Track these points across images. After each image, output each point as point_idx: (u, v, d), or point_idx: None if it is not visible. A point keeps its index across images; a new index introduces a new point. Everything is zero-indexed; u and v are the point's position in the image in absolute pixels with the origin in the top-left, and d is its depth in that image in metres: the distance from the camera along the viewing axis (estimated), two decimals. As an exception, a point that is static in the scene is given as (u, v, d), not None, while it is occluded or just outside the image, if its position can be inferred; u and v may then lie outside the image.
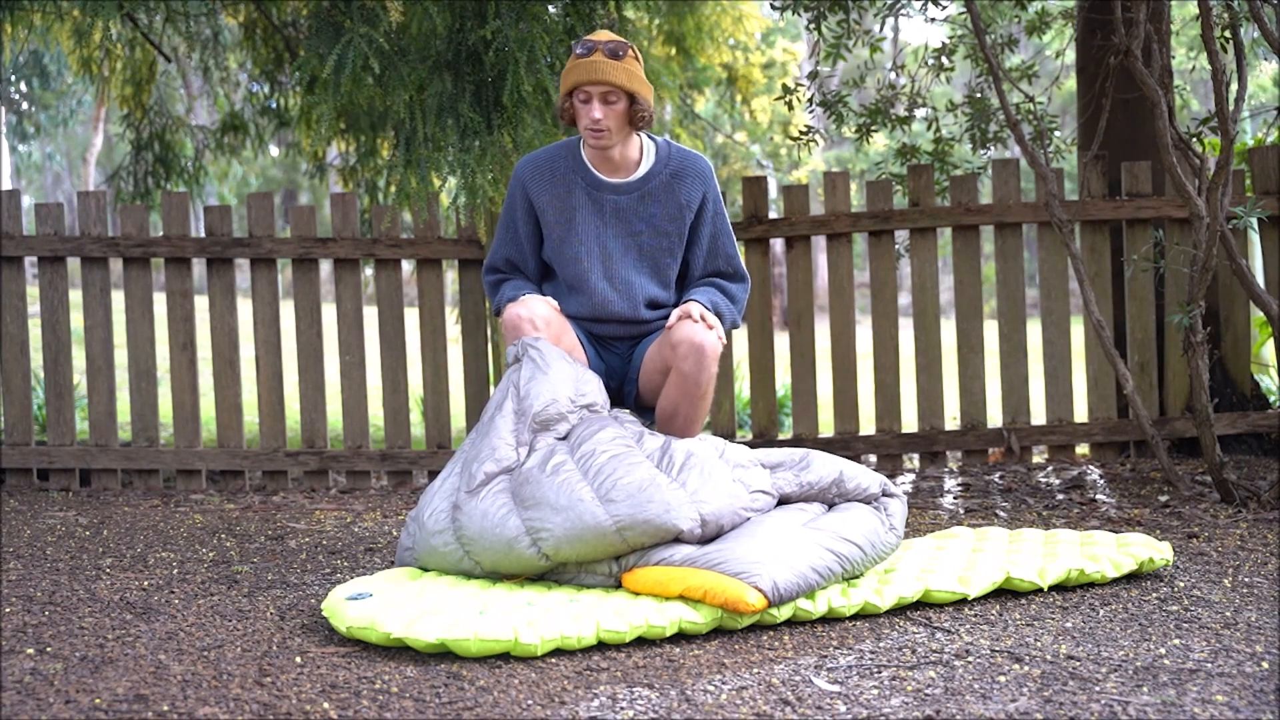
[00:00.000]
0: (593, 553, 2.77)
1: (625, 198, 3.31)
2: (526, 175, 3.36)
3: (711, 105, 14.38)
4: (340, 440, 5.60)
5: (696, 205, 3.33)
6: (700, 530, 2.80)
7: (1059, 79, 5.53)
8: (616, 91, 3.21)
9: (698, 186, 3.33)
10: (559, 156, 3.35)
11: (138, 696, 2.19)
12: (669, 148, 3.37)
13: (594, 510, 2.77)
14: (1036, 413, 6.97)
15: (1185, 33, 9.02)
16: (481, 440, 3.03)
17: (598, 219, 3.31)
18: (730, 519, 2.85)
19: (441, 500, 2.96)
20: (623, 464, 2.86)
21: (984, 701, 2.16)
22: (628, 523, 2.75)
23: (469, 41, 4.46)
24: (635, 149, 3.34)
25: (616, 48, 3.22)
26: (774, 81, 12.73)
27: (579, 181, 3.32)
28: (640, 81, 3.24)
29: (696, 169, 3.34)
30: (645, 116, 3.26)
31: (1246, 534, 3.48)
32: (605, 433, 2.98)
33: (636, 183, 3.32)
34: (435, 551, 2.91)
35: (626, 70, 3.21)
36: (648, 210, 3.31)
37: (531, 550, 2.79)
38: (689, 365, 3.19)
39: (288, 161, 14.04)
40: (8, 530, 3.92)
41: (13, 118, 18.03)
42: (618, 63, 3.21)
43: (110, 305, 4.92)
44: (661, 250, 3.33)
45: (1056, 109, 16.47)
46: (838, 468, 3.07)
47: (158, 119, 6.85)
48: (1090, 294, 4.18)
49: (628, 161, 3.32)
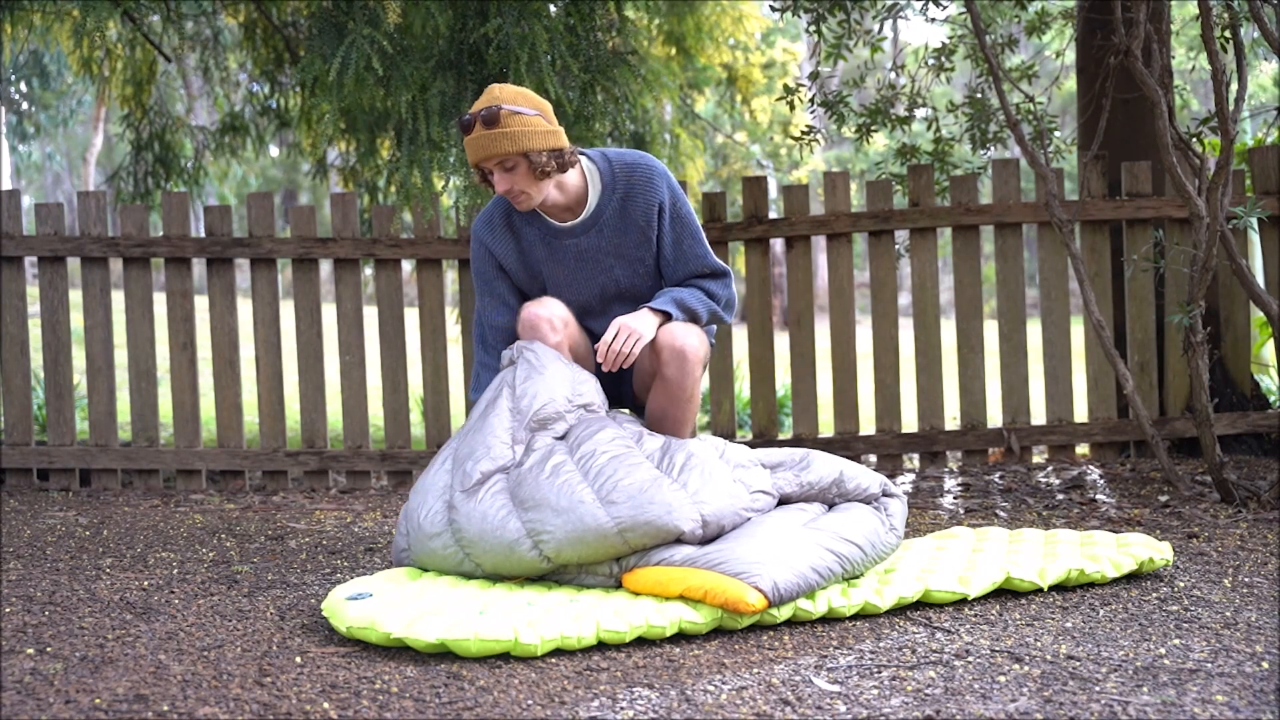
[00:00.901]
0: (594, 555, 2.77)
1: (584, 239, 3.20)
2: (485, 236, 3.25)
3: (711, 105, 14.38)
4: (340, 440, 5.60)
5: (655, 217, 3.20)
6: (701, 531, 2.79)
7: (1059, 79, 5.53)
8: (510, 157, 3.07)
9: (652, 198, 3.19)
10: (510, 209, 3.24)
11: (138, 696, 2.19)
12: (610, 166, 3.21)
13: (595, 512, 2.76)
14: (1036, 413, 6.97)
15: (1185, 33, 9.02)
16: (475, 437, 3.00)
17: (563, 269, 3.22)
18: (731, 519, 2.85)
19: (436, 500, 2.94)
20: (623, 465, 2.85)
21: (984, 701, 2.16)
22: (629, 524, 2.74)
23: (470, 40, 4.46)
24: (577, 182, 3.19)
25: (491, 114, 3.04)
26: (774, 81, 12.75)
27: (535, 233, 3.22)
28: (526, 138, 3.05)
29: (645, 180, 3.19)
30: (551, 164, 3.09)
31: (1246, 534, 3.48)
32: (605, 433, 2.97)
33: (589, 220, 3.20)
34: (434, 554, 2.90)
35: (506, 135, 3.04)
36: (610, 244, 3.20)
37: (533, 553, 2.79)
38: (672, 370, 3.14)
39: (288, 161, 14.05)
40: (8, 530, 3.92)
41: (13, 118, 18.04)
42: (495, 130, 3.04)
43: (110, 305, 4.92)
44: (639, 276, 3.24)
45: (1056, 109, 16.48)
46: (838, 468, 3.07)
47: (158, 119, 6.85)
48: (1090, 294, 4.18)
49: (575, 198, 3.19)
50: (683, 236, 3.24)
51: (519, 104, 3.08)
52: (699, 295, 3.23)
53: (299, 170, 9.79)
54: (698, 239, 3.25)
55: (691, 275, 3.26)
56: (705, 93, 10.01)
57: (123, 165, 6.77)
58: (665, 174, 3.24)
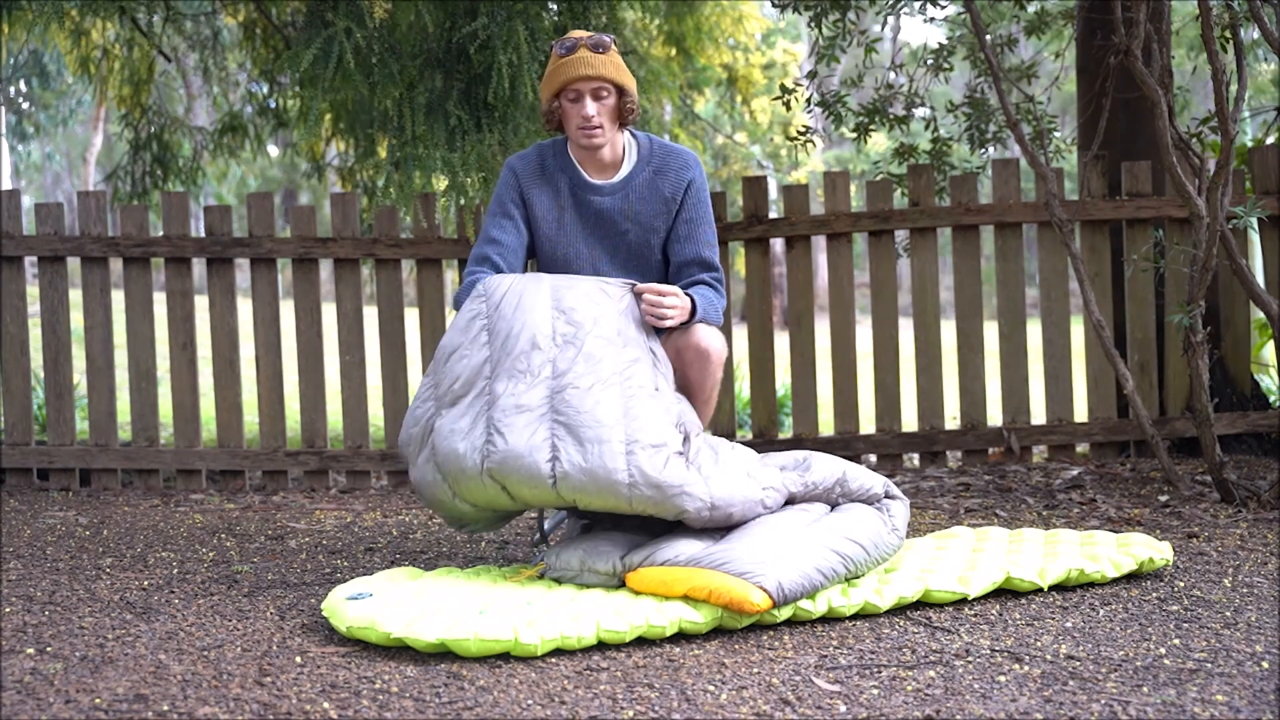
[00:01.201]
0: (599, 499, 2.78)
1: (609, 199, 3.26)
2: (517, 166, 3.30)
3: (711, 106, 14.38)
4: (340, 440, 5.60)
5: (682, 191, 3.27)
6: (709, 514, 2.79)
7: (1059, 79, 5.53)
8: (606, 86, 3.16)
9: (684, 175, 3.27)
10: (548, 155, 3.31)
11: (138, 696, 2.19)
12: (651, 144, 3.32)
13: (616, 453, 2.77)
14: (1036, 413, 6.97)
15: (1185, 33, 9.03)
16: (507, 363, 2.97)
17: (584, 221, 3.27)
18: (741, 508, 2.84)
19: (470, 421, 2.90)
20: (656, 417, 2.86)
21: (984, 701, 2.16)
22: (640, 480, 2.75)
23: (455, 39, 4.46)
24: (619, 148, 3.28)
25: (597, 42, 3.17)
26: (774, 82, 12.74)
27: (566, 181, 3.28)
28: (626, 74, 3.21)
29: (680, 162, 3.29)
30: (633, 109, 3.21)
31: (1246, 534, 3.48)
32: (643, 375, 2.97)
33: (619, 184, 3.26)
34: (457, 433, 2.88)
35: (613, 63, 3.17)
36: (632, 209, 3.27)
37: (547, 466, 2.79)
38: (695, 371, 3.18)
39: (287, 161, 14.04)
40: (8, 530, 3.92)
41: (13, 117, 18.03)
42: (604, 56, 3.16)
43: (110, 305, 4.91)
44: (649, 246, 3.29)
45: (1056, 109, 16.47)
46: (840, 468, 3.07)
47: (156, 119, 6.84)
48: (1090, 294, 4.18)
49: (613, 161, 3.28)
50: (700, 218, 3.30)
51: (619, 47, 3.20)
52: (714, 304, 3.27)
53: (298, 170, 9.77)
54: (711, 227, 3.33)
55: (696, 258, 3.28)
56: (705, 93, 10.01)
57: (120, 165, 6.77)
58: (699, 164, 3.34)
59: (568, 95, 3.19)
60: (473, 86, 4.48)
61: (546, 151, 3.31)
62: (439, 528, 3.95)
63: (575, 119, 3.18)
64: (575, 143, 3.24)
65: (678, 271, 3.29)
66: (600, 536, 2.90)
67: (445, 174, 4.35)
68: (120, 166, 6.76)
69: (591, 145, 3.21)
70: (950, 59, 5.31)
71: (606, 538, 2.89)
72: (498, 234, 3.26)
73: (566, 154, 3.29)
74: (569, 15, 4.79)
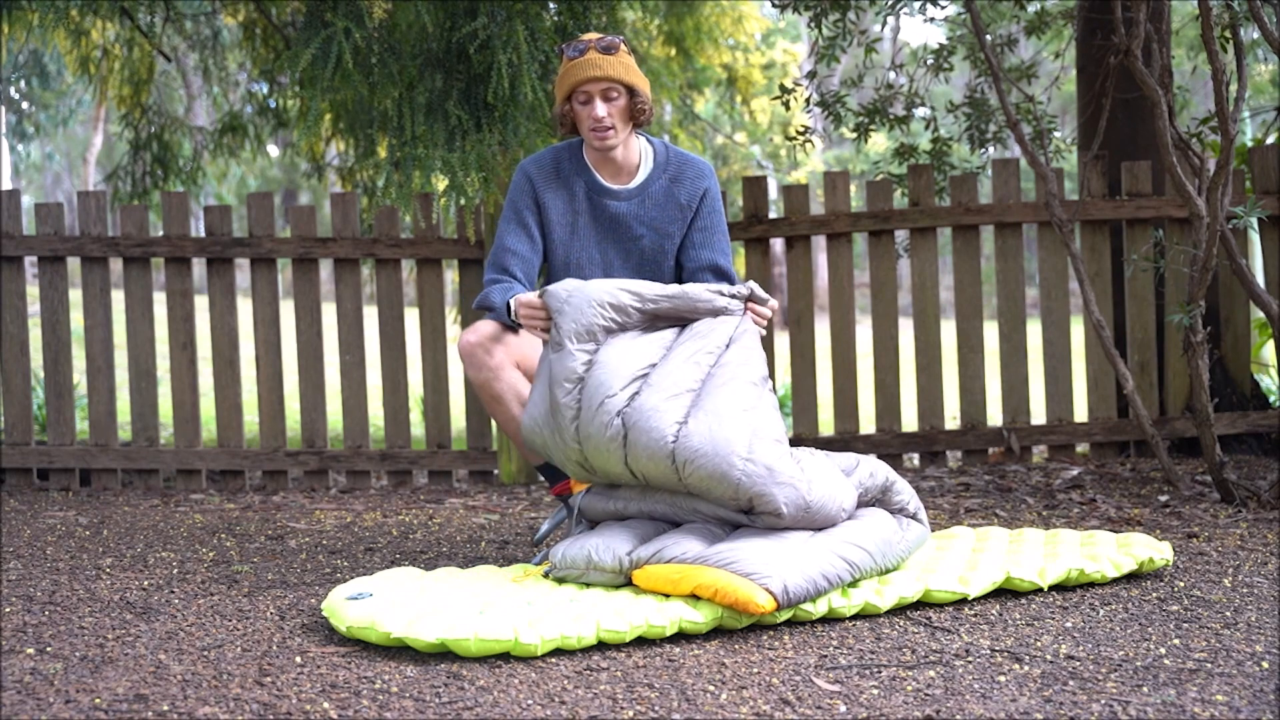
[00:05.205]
0: (707, 467, 2.80)
1: (624, 204, 3.25)
2: (532, 170, 3.29)
3: (711, 106, 14.38)
4: (340, 440, 5.60)
5: (698, 199, 3.28)
6: (799, 514, 2.82)
7: (1059, 79, 5.53)
8: (616, 87, 3.16)
9: (700, 183, 3.27)
10: (563, 158, 3.29)
11: (138, 696, 2.19)
12: (667, 151, 3.32)
13: (741, 433, 2.83)
14: (1036, 413, 6.97)
15: (1185, 33, 9.03)
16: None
17: (598, 225, 3.27)
18: (827, 514, 2.87)
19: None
20: (770, 416, 2.93)
21: (984, 701, 2.16)
22: (757, 456, 2.80)
23: (455, 39, 4.45)
24: (635, 152, 3.27)
25: (608, 44, 3.17)
26: (774, 82, 12.73)
27: (582, 185, 3.27)
28: (637, 75, 3.20)
29: (696, 171, 3.29)
30: (646, 110, 3.20)
31: (1246, 534, 3.48)
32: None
33: (635, 189, 3.26)
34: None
35: (622, 64, 3.17)
36: (648, 215, 3.26)
37: (673, 428, 2.83)
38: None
39: (287, 161, 14.04)
40: (8, 530, 3.92)
41: (13, 117, 18.03)
42: (613, 57, 3.16)
43: (110, 305, 4.92)
44: (662, 252, 3.29)
45: (1056, 109, 16.47)
46: (888, 476, 3.05)
47: (156, 119, 6.85)
48: (1090, 294, 4.18)
49: (629, 165, 3.26)
50: (715, 225, 3.32)
51: (629, 48, 3.23)
52: None
53: (298, 170, 9.76)
54: (726, 236, 3.34)
55: (711, 264, 3.29)
56: (705, 93, 10.01)
57: (120, 165, 6.77)
58: (714, 174, 3.35)
59: (578, 98, 3.18)
60: (472, 86, 4.47)
61: (562, 154, 3.30)
62: (439, 528, 3.95)
63: (586, 121, 3.18)
64: (589, 145, 3.23)
65: (691, 278, 3.29)
66: (607, 534, 2.90)
67: (445, 174, 4.33)
68: (120, 166, 6.76)
69: (604, 146, 3.19)
70: (950, 59, 5.31)
71: (613, 534, 2.88)
72: (514, 243, 3.25)
73: (582, 157, 3.27)
74: (569, 15, 4.78)
